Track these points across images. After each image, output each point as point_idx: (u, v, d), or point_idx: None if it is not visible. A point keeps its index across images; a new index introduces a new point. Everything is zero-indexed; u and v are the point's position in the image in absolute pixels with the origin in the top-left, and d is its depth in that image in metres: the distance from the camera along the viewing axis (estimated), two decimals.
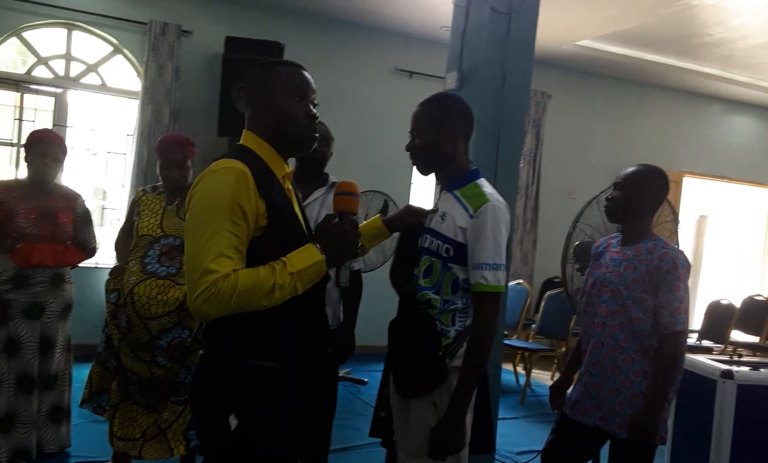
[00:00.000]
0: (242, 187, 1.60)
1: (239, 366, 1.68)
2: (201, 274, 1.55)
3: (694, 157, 8.41)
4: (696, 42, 6.54)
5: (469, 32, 3.42)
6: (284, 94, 1.75)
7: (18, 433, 3.37)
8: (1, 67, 5.71)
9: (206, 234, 1.57)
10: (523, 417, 5.23)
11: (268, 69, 1.79)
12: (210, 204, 1.60)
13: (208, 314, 1.57)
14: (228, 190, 1.59)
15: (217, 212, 1.58)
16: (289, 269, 1.61)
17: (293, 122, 1.75)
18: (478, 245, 2.01)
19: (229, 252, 1.57)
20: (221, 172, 1.62)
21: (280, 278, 1.60)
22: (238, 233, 1.59)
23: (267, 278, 1.58)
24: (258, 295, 1.58)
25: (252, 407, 1.66)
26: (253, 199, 1.62)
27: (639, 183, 2.62)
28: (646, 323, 2.50)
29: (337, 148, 6.08)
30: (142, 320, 3.00)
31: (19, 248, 3.31)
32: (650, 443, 2.50)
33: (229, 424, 1.64)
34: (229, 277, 1.55)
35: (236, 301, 1.56)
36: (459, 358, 2.04)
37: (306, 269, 1.64)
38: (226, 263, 1.56)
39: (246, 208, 1.60)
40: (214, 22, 6.13)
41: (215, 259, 1.55)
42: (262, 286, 1.58)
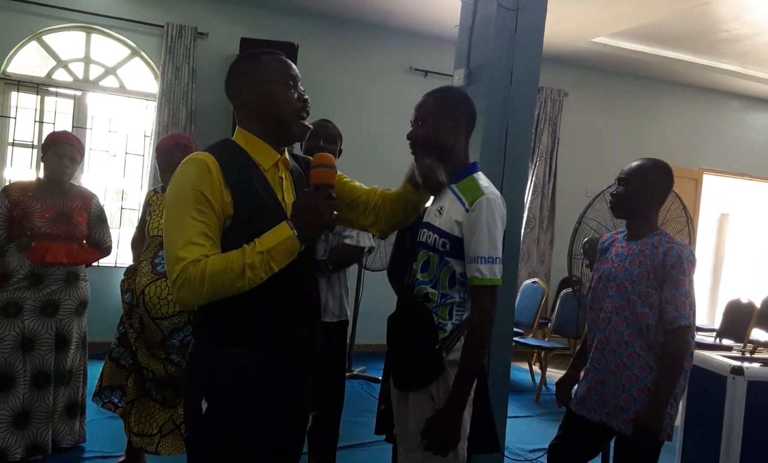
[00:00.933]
0: (204, 175, 1.64)
1: (213, 352, 1.72)
2: (173, 263, 1.59)
3: (714, 155, 8.31)
4: (712, 38, 6.47)
5: (477, 29, 3.42)
6: (274, 82, 1.77)
7: (33, 428, 3.44)
8: (21, 71, 5.82)
9: (175, 224, 1.62)
10: (537, 415, 5.21)
11: (251, 60, 1.80)
12: (175, 196, 1.65)
13: (185, 300, 1.62)
14: (190, 179, 1.63)
15: (182, 202, 1.63)
16: (257, 248, 1.62)
17: (284, 107, 1.77)
18: (473, 238, 2.01)
19: (198, 239, 1.60)
20: (184, 164, 1.68)
21: (249, 258, 1.60)
22: (205, 219, 1.62)
23: (236, 260, 1.60)
24: (229, 277, 1.59)
25: (220, 391, 1.70)
26: (218, 187, 1.64)
27: (642, 177, 2.60)
28: (651, 318, 2.49)
29: (352, 148, 6.14)
30: (154, 320, 3.05)
31: (34, 247, 3.37)
32: (655, 439, 2.48)
33: (201, 408, 1.69)
34: (198, 263, 1.58)
35: (208, 285, 1.58)
36: (456, 351, 2.05)
37: (276, 246, 1.63)
38: (195, 250, 1.59)
39: (209, 195, 1.63)
40: (229, 23, 6.20)
41: (184, 246, 1.59)
42: (231, 268, 1.59)
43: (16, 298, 3.37)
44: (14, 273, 3.37)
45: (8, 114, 5.70)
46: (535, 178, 7.33)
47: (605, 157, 7.45)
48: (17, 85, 5.70)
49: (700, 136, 8.24)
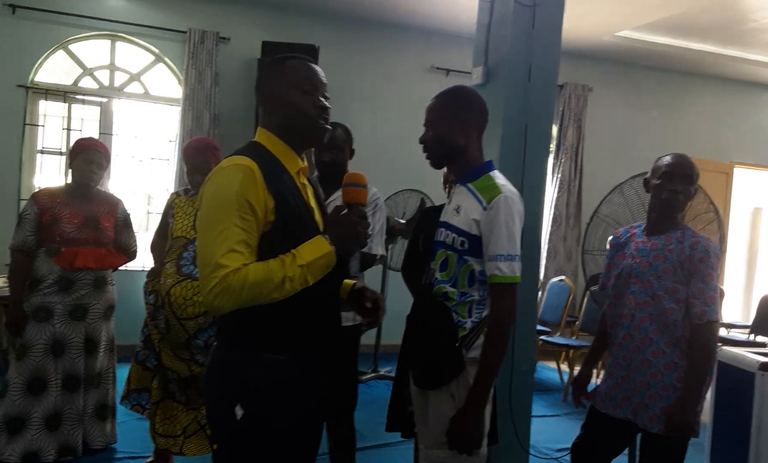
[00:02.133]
0: (249, 182, 1.63)
1: (245, 357, 1.71)
2: (212, 269, 1.58)
3: (746, 148, 8.15)
4: (742, 28, 6.34)
5: (494, 26, 3.41)
6: (292, 87, 1.77)
7: (65, 430, 3.50)
8: (49, 80, 5.93)
9: (216, 230, 1.60)
10: (564, 414, 5.16)
11: (276, 65, 1.81)
12: (218, 200, 1.63)
13: (221, 308, 1.60)
14: (235, 186, 1.62)
15: (226, 208, 1.61)
16: (298, 262, 1.63)
17: (302, 114, 1.77)
18: (492, 236, 2.01)
19: (239, 247, 1.60)
20: (228, 169, 1.66)
21: (290, 271, 1.62)
22: (247, 227, 1.62)
23: (277, 271, 1.60)
24: (268, 288, 1.60)
25: (257, 398, 1.69)
26: (261, 194, 1.64)
27: (695, 176, 2.55)
28: (678, 313, 2.46)
29: (374, 149, 6.18)
30: (180, 321, 3.09)
31: (63, 252, 3.43)
32: (688, 435, 2.45)
33: (235, 414, 1.67)
34: (239, 271, 1.58)
35: (247, 294, 1.58)
36: (476, 349, 2.05)
37: (315, 261, 1.66)
38: (236, 258, 1.59)
39: (254, 203, 1.62)
40: (251, 28, 6.25)
41: (225, 254, 1.58)
42: (272, 279, 1.60)
43: (47, 303, 3.43)
44: (44, 278, 3.43)
45: (37, 122, 5.82)
46: (561, 175, 7.26)
47: (632, 153, 7.35)
48: (45, 94, 5.82)
49: (730, 128, 8.09)
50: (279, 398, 1.71)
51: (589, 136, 7.40)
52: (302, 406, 1.78)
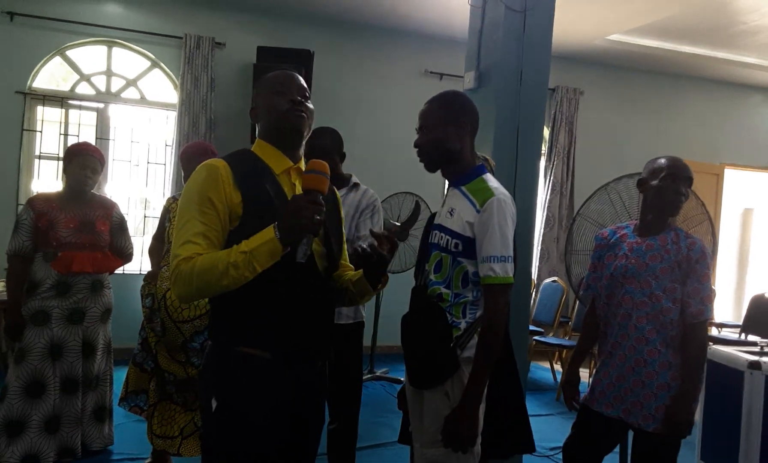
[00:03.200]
0: (211, 180, 1.74)
1: (224, 351, 1.81)
2: (171, 259, 1.71)
3: (736, 149, 8.22)
4: (731, 31, 6.41)
5: (486, 31, 3.46)
6: (267, 93, 1.90)
7: (64, 432, 3.52)
8: (46, 85, 5.97)
9: (179, 225, 1.74)
10: (558, 414, 5.20)
11: (260, 81, 1.97)
12: (184, 199, 1.77)
13: (180, 294, 1.72)
14: (198, 184, 1.75)
15: (188, 204, 1.74)
16: (242, 248, 1.68)
17: (275, 110, 1.87)
18: (485, 238, 2.05)
19: (196, 239, 1.70)
20: (197, 171, 1.79)
21: (233, 257, 1.66)
22: (206, 221, 1.72)
23: (222, 259, 1.67)
24: (214, 274, 1.66)
25: (230, 391, 1.78)
26: (226, 190, 1.74)
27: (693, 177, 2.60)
28: (674, 313, 2.50)
29: (368, 152, 6.23)
30: (176, 324, 3.12)
31: (60, 257, 3.46)
32: (686, 433, 2.48)
33: (210, 405, 1.77)
34: (189, 260, 1.68)
35: (197, 281, 1.67)
36: (470, 349, 2.09)
37: (259, 247, 1.67)
38: (190, 248, 1.69)
39: (214, 198, 1.73)
40: (246, 33, 6.29)
41: (182, 245, 1.70)
42: (217, 266, 1.66)
43: (45, 307, 3.46)
44: (41, 283, 3.46)
45: (34, 128, 5.85)
46: (553, 178, 7.32)
47: (623, 155, 7.41)
48: (42, 100, 5.85)
49: (721, 130, 8.16)
50: (252, 391, 1.77)
51: (580, 138, 7.46)
52: (279, 402, 1.81)
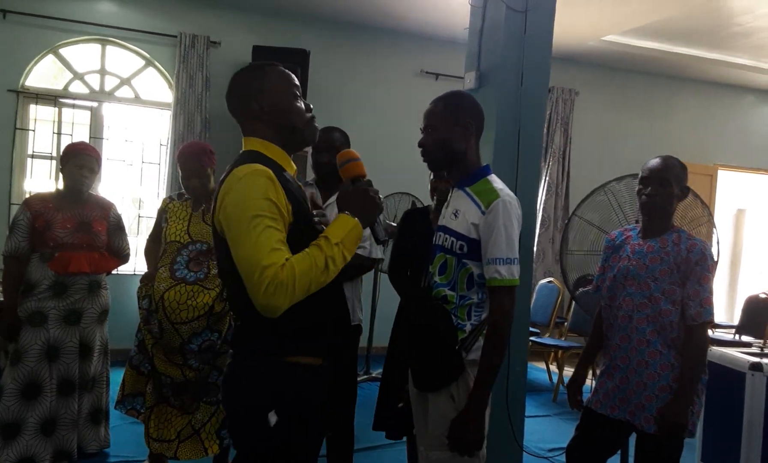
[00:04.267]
0: (272, 186, 1.67)
1: (276, 363, 1.74)
2: (260, 272, 1.59)
3: (729, 150, 8.26)
4: (725, 33, 6.44)
5: (487, 32, 3.45)
6: (282, 94, 1.83)
7: (60, 435, 3.49)
8: (39, 84, 5.91)
9: (253, 236, 1.62)
10: (555, 415, 5.21)
11: (256, 72, 1.86)
12: (249, 207, 1.64)
13: (278, 306, 1.61)
14: (261, 190, 1.65)
15: (259, 212, 1.63)
16: (333, 241, 1.69)
17: (299, 118, 1.84)
18: (491, 240, 2.04)
19: (278, 245, 1.63)
20: (249, 176, 1.68)
21: (329, 251, 1.67)
22: (280, 227, 1.66)
23: (318, 256, 1.66)
24: (316, 273, 1.64)
25: (291, 404, 1.73)
26: (282, 197, 1.69)
27: (676, 176, 2.59)
28: (674, 315, 2.50)
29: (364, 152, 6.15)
30: (173, 325, 3.09)
31: (57, 257, 3.43)
32: (680, 436, 2.49)
33: (268, 421, 1.70)
34: (285, 266, 1.60)
35: (299, 284, 1.61)
36: (475, 351, 2.08)
37: (346, 236, 1.72)
38: (280, 255, 1.62)
39: (280, 205, 1.67)
40: (242, 32, 6.26)
41: (269, 254, 1.60)
42: (317, 264, 1.64)
43: (41, 308, 3.42)
44: (38, 283, 3.42)
45: (27, 127, 5.80)
46: (549, 178, 7.33)
47: (618, 156, 7.43)
48: (35, 98, 5.80)
49: (715, 131, 8.20)
50: (309, 402, 1.76)
51: (575, 139, 7.48)
52: (323, 404, 1.84)
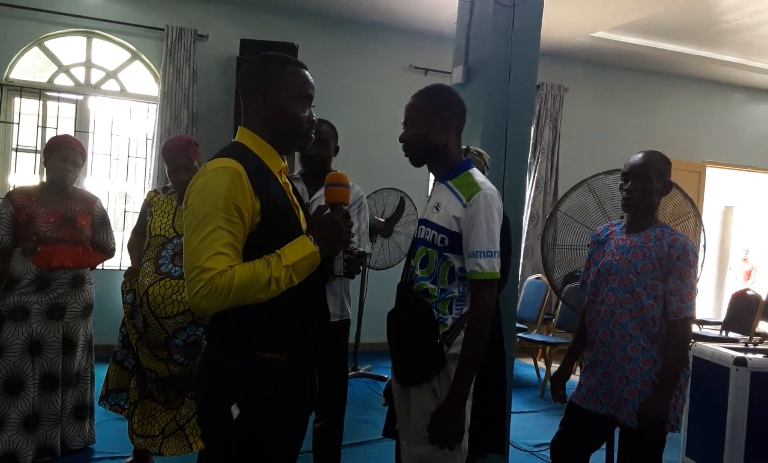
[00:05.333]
0: (237, 186, 1.63)
1: (244, 357, 1.72)
2: (198, 272, 1.59)
3: (717, 147, 8.29)
4: (714, 30, 6.46)
5: (474, 26, 3.44)
6: (292, 97, 1.78)
7: (43, 430, 3.46)
8: (24, 77, 5.85)
9: (203, 233, 1.61)
10: (542, 411, 5.22)
11: (275, 67, 1.79)
12: (205, 203, 1.63)
13: (207, 309, 1.62)
14: (223, 189, 1.62)
15: (213, 212, 1.61)
16: (284, 262, 1.65)
17: (297, 126, 1.79)
18: (472, 233, 2.03)
19: (225, 249, 1.61)
20: (216, 172, 1.65)
21: (276, 271, 1.64)
22: (234, 230, 1.63)
23: (262, 272, 1.62)
24: (254, 289, 1.62)
25: (254, 398, 1.70)
26: (249, 197, 1.64)
27: (659, 172, 2.58)
28: (656, 310, 2.50)
29: (353, 147, 6.19)
30: (158, 320, 3.07)
31: (40, 251, 3.39)
32: (661, 430, 2.50)
33: (231, 414, 1.68)
34: (225, 273, 1.59)
35: (234, 296, 1.60)
36: (457, 345, 2.07)
37: (300, 261, 1.68)
38: (222, 260, 1.60)
39: (241, 205, 1.63)
40: (229, 25, 6.23)
41: (211, 257, 1.59)
42: (258, 280, 1.61)
43: (24, 302, 3.39)
44: (21, 278, 3.39)
45: (11, 120, 5.74)
46: (538, 174, 7.33)
47: (607, 152, 7.43)
48: (20, 91, 5.74)
49: (703, 128, 8.23)
50: (276, 397, 1.73)
51: (564, 135, 7.48)
52: (297, 405, 1.80)
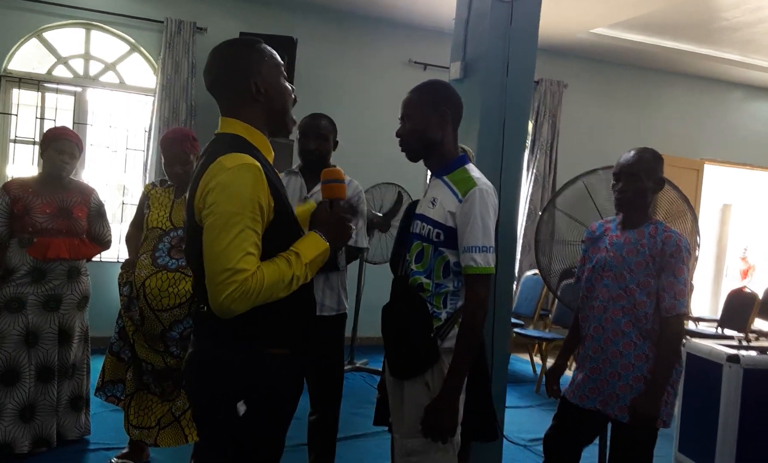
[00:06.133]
0: (260, 185, 1.62)
1: (248, 353, 1.70)
2: (231, 274, 1.56)
3: (716, 145, 8.29)
4: (713, 27, 6.45)
5: (472, 22, 3.44)
6: (275, 73, 1.78)
7: (39, 421, 3.47)
8: (22, 68, 5.85)
9: (231, 234, 1.58)
10: (537, 406, 5.24)
11: (253, 51, 1.76)
12: (232, 203, 1.59)
13: (237, 311, 1.60)
14: (248, 189, 1.60)
15: (240, 211, 1.59)
16: (303, 260, 1.68)
17: (288, 99, 1.80)
18: (467, 228, 2.04)
19: (252, 249, 1.60)
20: (239, 169, 1.61)
21: (297, 269, 1.66)
22: (258, 229, 1.62)
23: (286, 271, 1.64)
24: (279, 287, 1.63)
25: (259, 394, 1.70)
26: (267, 195, 1.64)
27: (647, 170, 2.58)
28: (649, 306, 2.51)
29: (351, 142, 6.19)
30: (155, 312, 3.08)
31: (36, 243, 3.40)
32: (652, 426, 2.51)
33: (237, 410, 1.67)
34: (255, 274, 1.59)
35: (262, 295, 1.60)
36: (451, 339, 2.08)
37: (316, 258, 1.72)
38: (252, 261, 1.59)
39: (263, 205, 1.63)
40: (228, 18, 6.22)
41: (243, 258, 1.57)
42: (283, 279, 1.63)
43: (19, 293, 3.40)
44: (16, 269, 3.40)
45: (10, 111, 5.73)
46: (536, 171, 7.33)
47: (605, 149, 7.40)
48: (18, 82, 5.74)
49: (702, 126, 8.22)
50: (279, 392, 1.74)
51: (563, 131, 7.48)
52: (295, 399, 1.82)
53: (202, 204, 1.63)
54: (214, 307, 1.60)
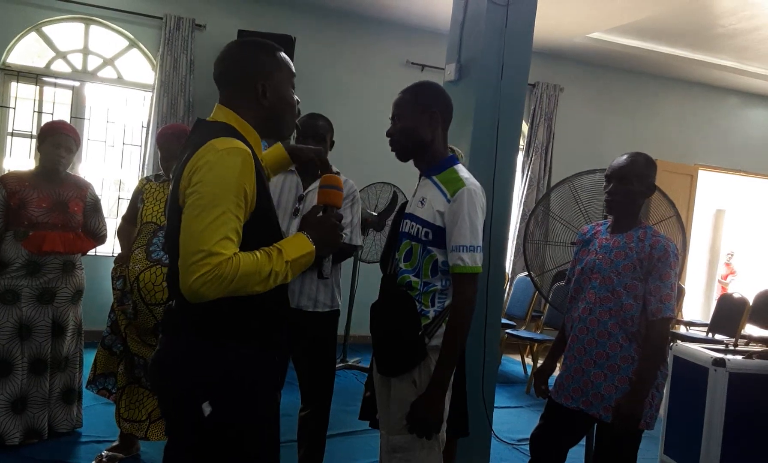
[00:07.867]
0: (248, 169, 1.60)
1: (212, 349, 1.66)
2: (205, 255, 1.51)
3: (710, 151, 8.33)
4: (710, 33, 6.48)
5: (468, 24, 3.47)
6: (288, 84, 1.79)
7: (30, 413, 3.49)
8: (21, 61, 5.87)
9: (212, 215, 1.54)
10: (527, 406, 5.27)
11: (269, 54, 1.78)
12: (218, 185, 1.56)
13: (206, 296, 1.53)
14: (236, 172, 1.58)
15: (224, 194, 1.56)
16: (285, 257, 1.63)
17: (290, 111, 1.81)
18: (455, 228, 2.07)
19: (232, 235, 1.56)
20: (228, 152, 1.59)
21: (277, 265, 1.61)
22: (240, 215, 1.59)
23: (265, 264, 1.59)
24: (255, 280, 1.58)
25: (226, 394, 1.65)
26: (253, 183, 1.62)
27: (641, 175, 2.60)
28: (635, 309, 2.54)
29: (347, 141, 6.22)
30: (148, 306, 3.10)
31: (31, 236, 3.42)
32: (635, 427, 2.54)
33: (202, 410, 1.62)
34: (231, 260, 1.53)
35: (235, 284, 1.54)
36: (438, 337, 2.11)
37: (299, 258, 1.67)
38: (230, 246, 1.55)
39: (248, 191, 1.60)
40: (227, 15, 6.24)
41: (220, 241, 1.53)
42: (259, 272, 1.58)
43: (14, 286, 3.42)
44: (11, 262, 3.42)
45: (8, 104, 5.75)
46: (531, 173, 7.36)
47: (600, 153, 7.45)
48: (17, 76, 5.75)
49: (697, 131, 8.26)
50: (249, 392, 1.68)
51: (559, 135, 7.51)
52: (269, 400, 1.78)
53: (186, 182, 1.60)
54: (183, 289, 1.54)
